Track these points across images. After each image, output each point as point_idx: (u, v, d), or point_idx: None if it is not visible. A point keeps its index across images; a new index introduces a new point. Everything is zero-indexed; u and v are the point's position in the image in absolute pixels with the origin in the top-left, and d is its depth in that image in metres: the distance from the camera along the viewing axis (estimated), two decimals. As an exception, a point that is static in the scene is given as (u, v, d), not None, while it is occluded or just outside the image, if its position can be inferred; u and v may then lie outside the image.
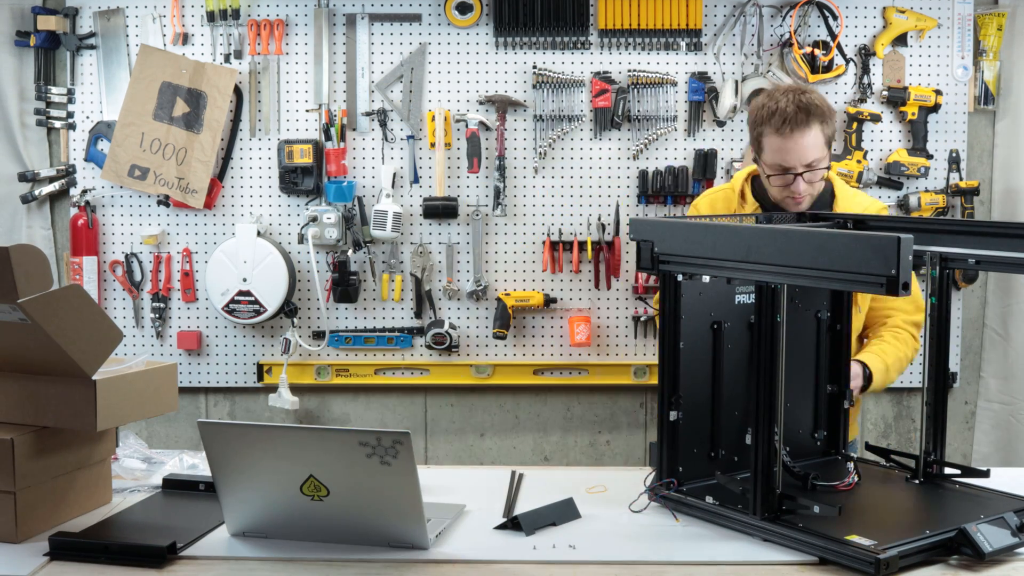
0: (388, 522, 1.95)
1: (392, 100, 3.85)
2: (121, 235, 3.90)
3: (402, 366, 3.93)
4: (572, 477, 2.44)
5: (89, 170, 3.87)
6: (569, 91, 3.83)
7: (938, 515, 2.11)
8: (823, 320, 2.38)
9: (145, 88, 3.78)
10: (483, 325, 3.90)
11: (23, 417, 2.10)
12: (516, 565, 1.92)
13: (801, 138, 2.49)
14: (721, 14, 3.83)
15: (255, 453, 1.94)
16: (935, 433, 2.25)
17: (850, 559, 1.85)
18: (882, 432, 4.02)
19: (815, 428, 2.40)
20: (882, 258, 1.72)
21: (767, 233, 1.99)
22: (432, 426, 4.02)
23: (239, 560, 1.94)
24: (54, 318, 1.98)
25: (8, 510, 2.02)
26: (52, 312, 1.98)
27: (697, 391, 2.21)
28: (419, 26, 3.84)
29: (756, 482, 2.01)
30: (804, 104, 2.49)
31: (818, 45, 3.79)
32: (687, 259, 2.10)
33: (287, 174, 3.82)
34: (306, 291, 3.90)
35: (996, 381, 3.98)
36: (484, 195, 3.86)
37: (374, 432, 1.86)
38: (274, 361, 3.91)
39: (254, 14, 3.83)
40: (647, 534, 2.06)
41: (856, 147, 3.81)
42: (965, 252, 2.18)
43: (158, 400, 2.28)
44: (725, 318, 2.22)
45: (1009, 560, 1.90)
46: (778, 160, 2.51)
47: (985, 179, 3.94)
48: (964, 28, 3.85)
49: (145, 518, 2.17)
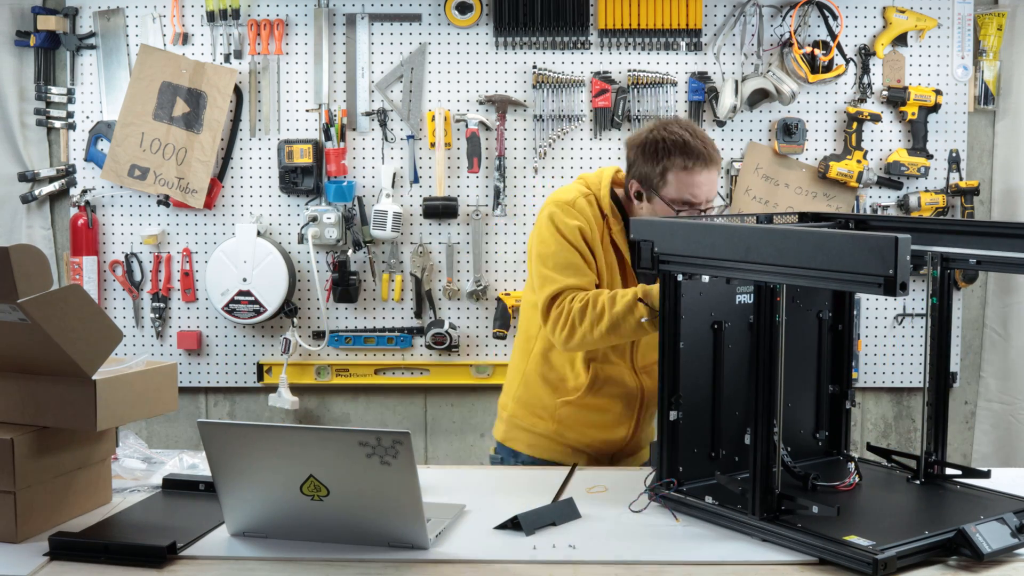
0: (388, 522, 1.95)
1: (392, 100, 3.85)
2: (121, 235, 3.90)
3: (402, 366, 3.93)
4: (572, 477, 2.44)
5: (89, 170, 3.88)
6: (569, 91, 3.84)
7: (938, 516, 2.11)
8: (824, 320, 2.38)
9: (145, 88, 3.79)
10: (483, 325, 3.90)
11: (23, 417, 2.10)
12: (516, 565, 1.92)
13: (710, 175, 2.48)
14: (721, 14, 3.84)
15: (255, 453, 1.94)
16: (936, 433, 2.25)
17: (848, 559, 1.85)
18: (882, 432, 4.02)
19: (816, 428, 2.40)
20: (880, 258, 1.72)
21: (766, 233, 1.99)
22: (432, 426, 4.02)
23: (239, 560, 1.94)
24: (54, 318, 1.98)
25: (8, 510, 2.02)
26: (52, 312, 1.98)
27: (697, 391, 2.21)
28: (419, 26, 3.84)
29: (755, 482, 2.01)
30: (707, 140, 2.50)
31: (818, 45, 3.79)
32: (687, 259, 2.10)
33: (287, 174, 3.82)
34: (306, 291, 3.90)
35: (996, 381, 3.98)
36: (484, 195, 3.86)
37: (374, 432, 1.86)
38: (274, 361, 3.91)
39: (254, 14, 3.83)
40: (647, 534, 2.06)
41: (856, 147, 3.82)
42: (965, 252, 2.18)
43: (158, 400, 2.28)
44: (725, 318, 2.22)
45: (1008, 561, 1.90)
46: (687, 196, 2.47)
47: (985, 179, 3.95)
48: (964, 28, 3.85)
49: (145, 518, 2.16)
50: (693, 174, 2.46)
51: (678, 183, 2.46)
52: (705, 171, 2.47)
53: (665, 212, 2.49)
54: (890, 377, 3.96)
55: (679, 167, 2.45)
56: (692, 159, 2.45)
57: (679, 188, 2.47)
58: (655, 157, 2.48)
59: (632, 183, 2.54)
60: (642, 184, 2.51)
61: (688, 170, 2.46)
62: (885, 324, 3.94)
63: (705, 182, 2.48)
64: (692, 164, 2.45)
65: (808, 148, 3.88)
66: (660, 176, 2.47)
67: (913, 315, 3.93)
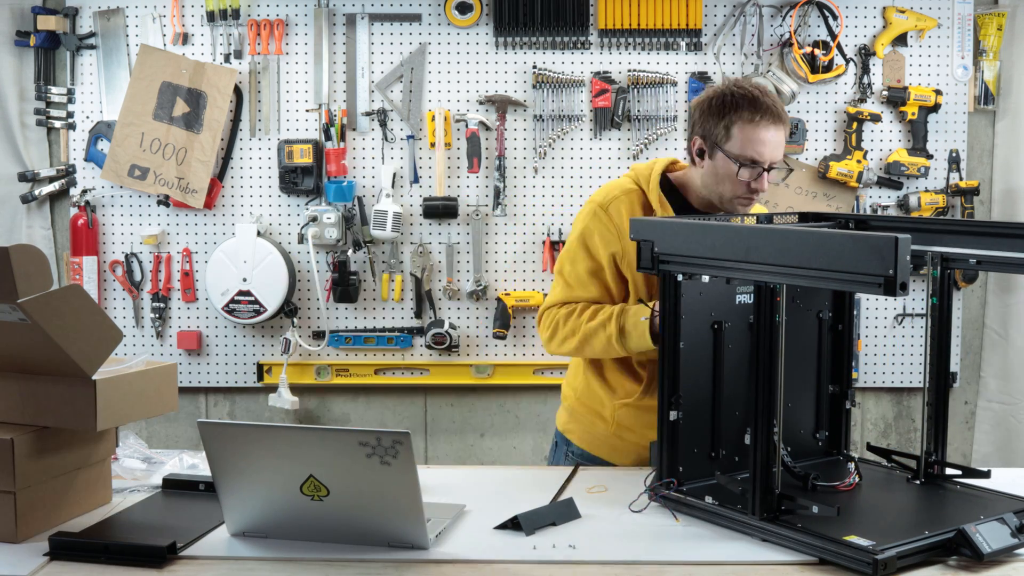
0: (388, 522, 1.95)
1: (392, 100, 3.85)
2: (121, 235, 3.90)
3: (402, 366, 3.93)
4: (572, 477, 2.44)
5: (89, 170, 3.88)
6: (569, 91, 3.84)
7: (938, 515, 2.11)
8: (825, 320, 2.38)
9: (145, 88, 3.79)
10: (483, 325, 3.90)
11: (23, 417, 2.10)
12: (516, 565, 1.92)
13: (778, 133, 2.38)
14: (721, 14, 3.84)
15: (255, 453, 1.94)
16: (936, 433, 2.25)
17: (848, 559, 1.85)
18: (882, 432, 4.02)
19: (816, 428, 2.40)
20: (880, 258, 1.72)
21: (766, 233, 1.99)
22: (432, 426, 4.02)
23: (239, 560, 1.94)
24: (54, 318, 1.98)
25: (8, 510, 2.02)
26: (52, 312, 1.98)
27: (697, 391, 2.21)
28: (419, 26, 3.84)
29: (755, 482, 2.01)
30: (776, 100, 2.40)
31: (818, 45, 3.79)
32: (687, 259, 2.10)
33: (287, 174, 3.82)
34: (306, 291, 3.90)
35: (996, 381, 3.98)
36: (484, 195, 3.86)
37: (374, 432, 1.86)
38: (274, 361, 3.91)
39: (254, 14, 3.83)
40: (647, 534, 2.06)
41: (856, 147, 3.82)
42: (965, 252, 2.18)
43: (158, 400, 2.28)
44: (725, 318, 2.22)
45: (1008, 561, 1.90)
46: (751, 153, 2.35)
47: (985, 179, 3.95)
48: (964, 28, 3.85)
49: (145, 518, 2.16)
50: (759, 129, 2.34)
51: (743, 137, 2.34)
52: (773, 128, 2.35)
53: (727, 171, 2.37)
54: (890, 377, 3.96)
55: (746, 120, 2.34)
56: (760, 112, 2.34)
57: (744, 143, 2.34)
58: (721, 110, 2.36)
59: (695, 140, 2.42)
60: (705, 140, 2.40)
61: (755, 123, 2.34)
62: (885, 324, 3.94)
63: (772, 140, 2.35)
64: (760, 118, 2.34)
65: (808, 148, 3.88)
66: (725, 130, 2.36)
67: (913, 315, 3.93)
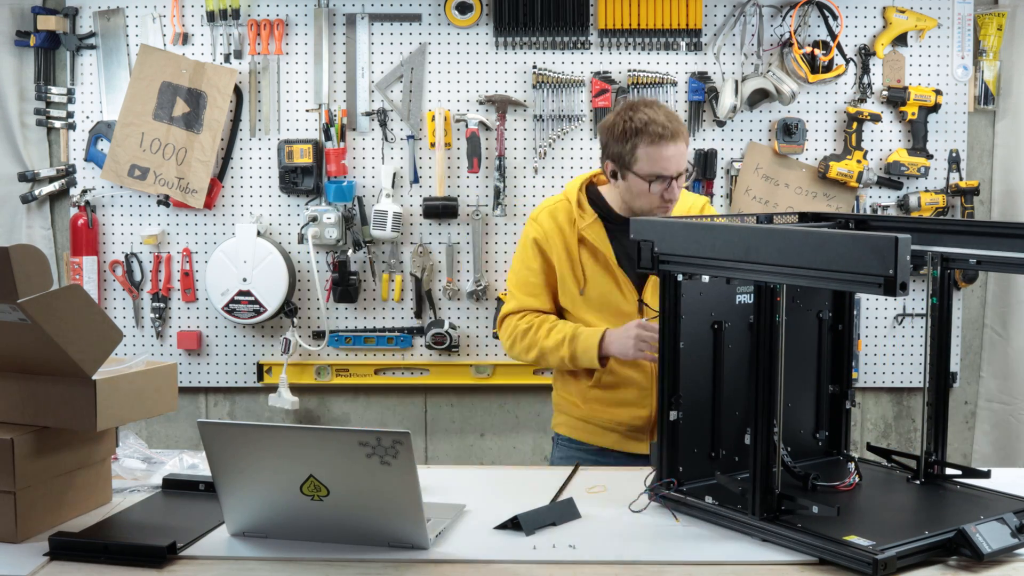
0: (388, 522, 1.95)
1: (392, 100, 3.85)
2: (121, 235, 3.90)
3: (402, 366, 3.93)
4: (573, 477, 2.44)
5: (89, 170, 3.87)
6: (569, 91, 3.84)
7: (938, 515, 2.11)
8: (825, 320, 2.38)
9: (145, 88, 3.79)
10: (483, 325, 3.90)
11: (23, 417, 2.10)
12: (516, 565, 1.92)
13: (678, 147, 2.61)
14: (721, 14, 3.84)
15: (255, 453, 1.94)
16: (936, 433, 2.25)
17: (848, 559, 1.85)
18: (882, 432, 4.02)
19: (816, 428, 2.40)
20: (880, 258, 1.72)
21: (766, 233, 1.99)
22: (432, 426, 4.02)
23: (239, 560, 1.94)
24: (54, 318, 1.98)
25: (8, 510, 2.02)
26: (52, 312, 1.98)
27: (697, 391, 2.21)
28: (419, 26, 3.84)
29: (755, 482, 2.01)
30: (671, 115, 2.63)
31: (818, 45, 3.79)
32: (687, 259, 2.10)
33: (287, 174, 3.82)
34: (306, 291, 3.90)
35: (996, 381, 3.98)
36: (484, 195, 3.86)
37: (374, 432, 1.86)
38: (274, 361, 3.91)
39: (254, 14, 3.83)
40: (647, 534, 2.06)
41: (856, 147, 3.82)
42: (965, 252, 2.18)
43: (158, 400, 2.28)
44: (725, 318, 2.22)
45: (1008, 561, 1.90)
46: (657, 170, 2.60)
47: (985, 179, 3.95)
48: (964, 28, 3.85)
49: (145, 518, 2.17)
50: (661, 148, 2.58)
51: (648, 158, 2.59)
52: (672, 144, 2.60)
53: (639, 188, 2.62)
54: (890, 377, 3.96)
55: (647, 143, 2.59)
56: (659, 133, 2.59)
57: (650, 163, 2.60)
58: (624, 136, 2.62)
59: (607, 164, 2.69)
60: (615, 163, 2.66)
61: (656, 144, 2.58)
62: (885, 324, 3.94)
63: (674, 154, 2.61)
64: (659, 138, 2.58)
65: (808, 148, 3.88)
66: (631, 153, 2.61)
67: (913, 315, 3.93)
